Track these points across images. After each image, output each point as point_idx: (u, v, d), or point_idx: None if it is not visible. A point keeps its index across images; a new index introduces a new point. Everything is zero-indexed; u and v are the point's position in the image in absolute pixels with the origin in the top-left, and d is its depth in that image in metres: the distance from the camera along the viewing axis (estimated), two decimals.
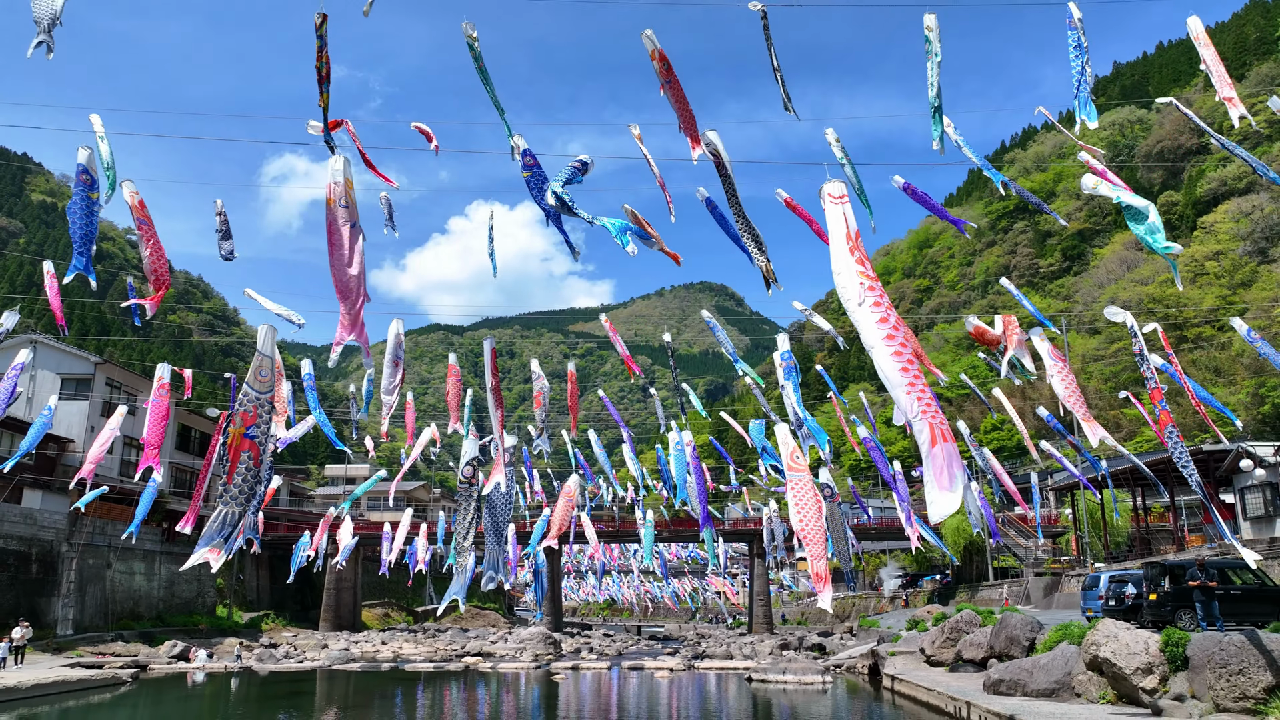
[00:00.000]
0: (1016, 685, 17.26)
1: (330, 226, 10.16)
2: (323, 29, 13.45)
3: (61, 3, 12.19)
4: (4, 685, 20.62)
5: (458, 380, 29.07)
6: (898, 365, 7.59)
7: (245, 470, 12.18)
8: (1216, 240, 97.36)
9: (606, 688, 27.29)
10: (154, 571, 41.73)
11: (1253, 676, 13.07)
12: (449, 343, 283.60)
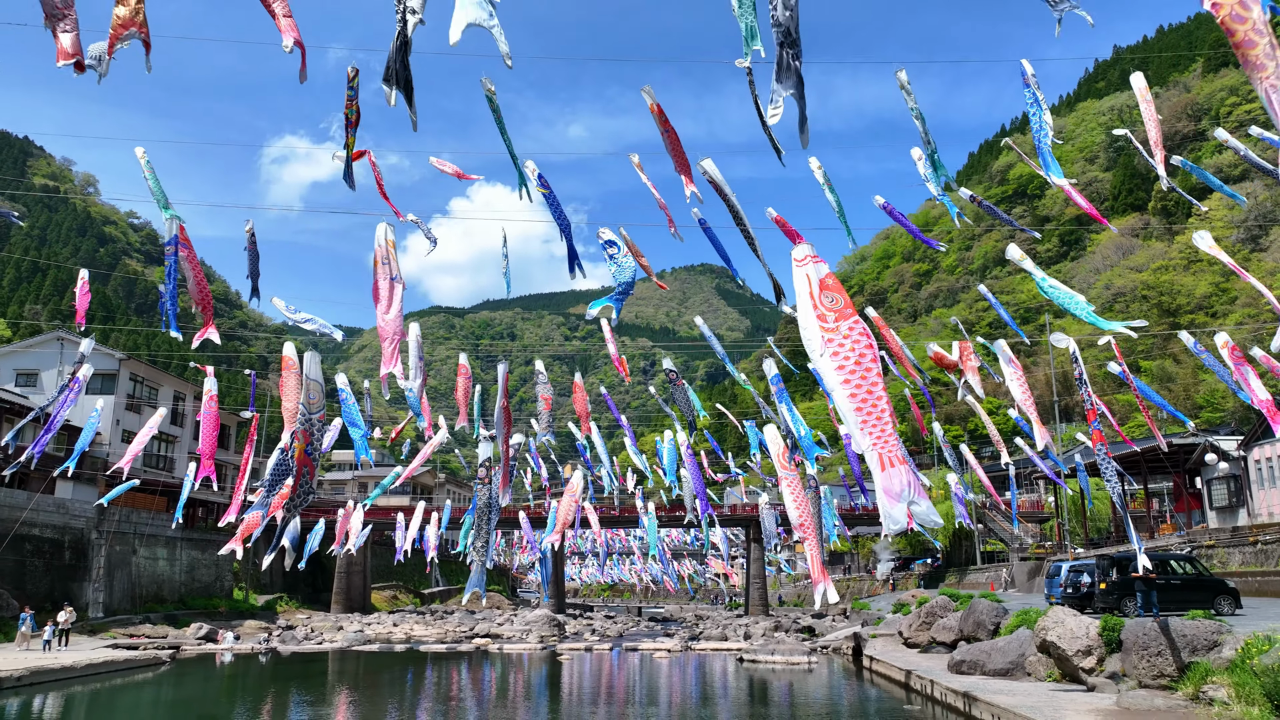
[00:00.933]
0: (976, 665, 19.37)
1: (375, 282, 12.13)
2: (354, 81, 15.44)
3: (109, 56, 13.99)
4: (61, 664, 22.79)
5: (468, 379, 31.23)
6: (853, 406, 9.51)
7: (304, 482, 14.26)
8: (1210, 228, 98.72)
9: (608, 668, 29.48)
10: (175, 557, 43.94)
11: (1168, 658, 15.15)
12: (450, 324, 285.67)
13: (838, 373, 9.84)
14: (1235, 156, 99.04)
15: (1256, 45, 7.58)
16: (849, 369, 9.95)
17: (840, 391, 9.72)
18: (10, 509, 33.12)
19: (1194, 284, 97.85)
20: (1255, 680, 12.75)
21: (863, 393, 9.76)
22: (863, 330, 9.82)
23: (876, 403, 9.52)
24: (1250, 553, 31.01)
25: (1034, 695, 15.84)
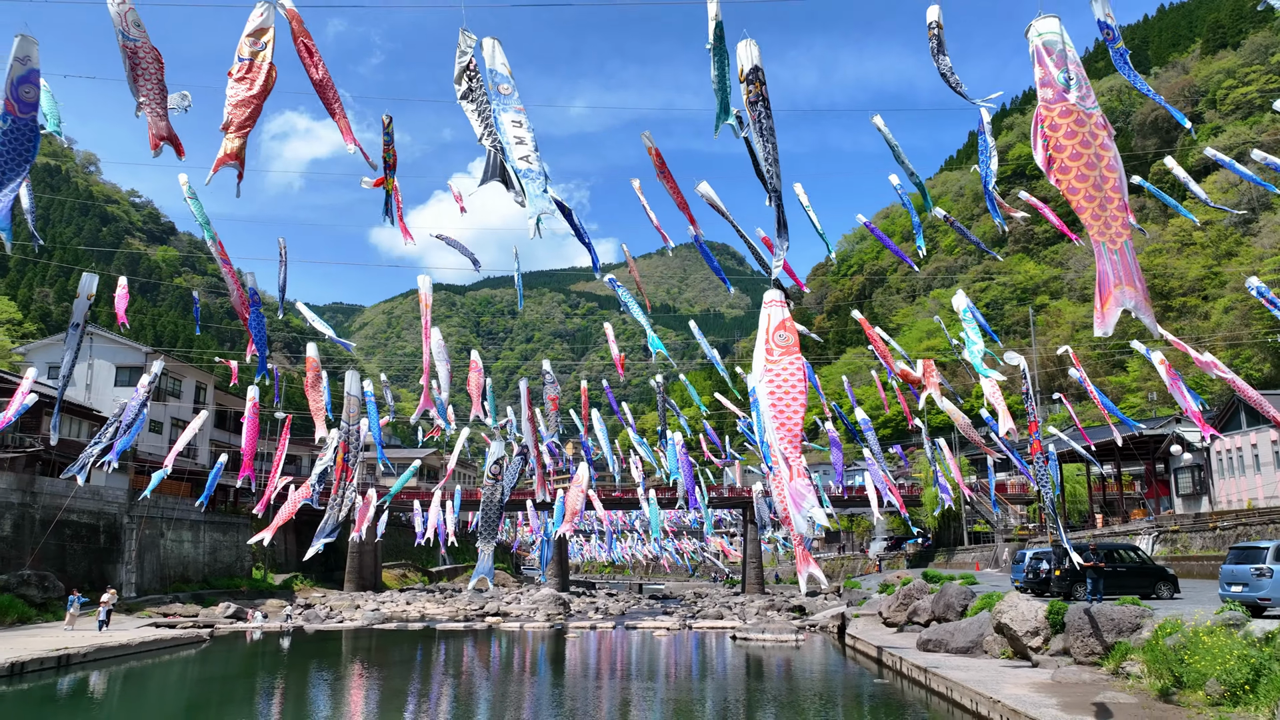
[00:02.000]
0: (941, 644, 21.87)
1: (425, 328, 14.51)
2: (389, 127, 17.81)
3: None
4: (118, 642, 25.34)
5: (479, 374, 33.71)
6: (775, 424, 11.76)
7: (344, 486, 16.71)
8: (1204, 210, 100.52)
9: (611, 645, 32.09)
10: (199, 539, 46.55)
11: (1099, 638, 17.62)
12: (451, 301, 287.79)
13: (769, 396, 12.11)
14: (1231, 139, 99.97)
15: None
16: (778, 395, 12.18)
17: (768, 413, 12.02)
18: (53, 497, 35.63)
19: (1186, 267, 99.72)
20: (1162, 657, 15.20)
21: (784, 417, 11.96)
22: (799, 366, 12.02)
23: (794, 427, 11.66)
24: (1210, 538, 33.55)
25: (984, 671, 18.31)
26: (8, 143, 11.36)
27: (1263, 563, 16.27)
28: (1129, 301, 8.07)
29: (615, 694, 20.65)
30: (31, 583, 32.45)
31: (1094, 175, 8.30)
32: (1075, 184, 8.45)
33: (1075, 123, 8.49)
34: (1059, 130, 8.50)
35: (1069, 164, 8.45)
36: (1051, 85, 8.69)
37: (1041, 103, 8.76)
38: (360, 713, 18.86)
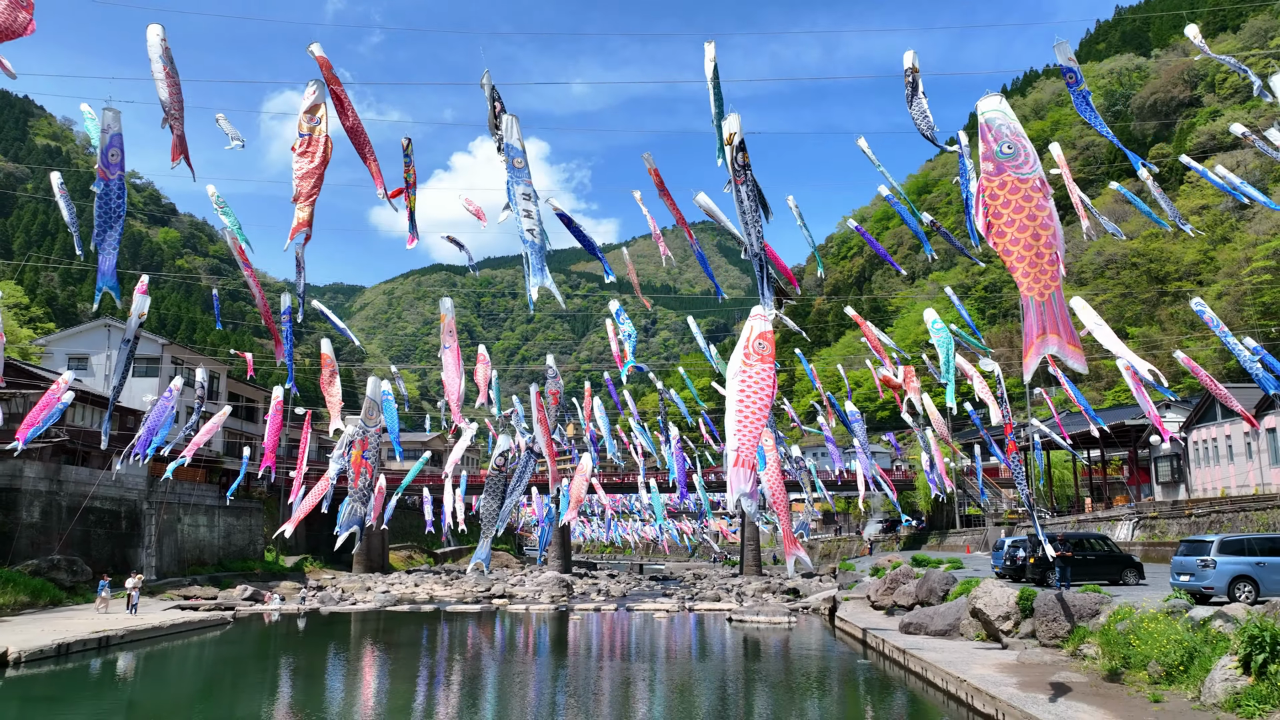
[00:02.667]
0: (921, 627, 23.58)
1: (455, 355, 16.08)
2: (408, 149, 19.38)
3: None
4: (149, 625, 27.08)
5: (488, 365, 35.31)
6: (736, 420, 13.06)
7: (364, 481, 18.36)
8: (1201, 195, 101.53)
9: (613, 626, 33.88)
10: (214, 524, 48.33)
11: (1061, 623, 19.31)
12: (451, 282, 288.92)
13: (739, 394, 13.43)
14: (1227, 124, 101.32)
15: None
16: (746, 396, 13.56)
17: (732, 408, 13.41)
18: (77, 484, 37.34)
19: (1182, 251, 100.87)
20: (1113, 641, 16.88)
21: (747, 414, 13.34)
22: (770, 374, 13.38)
23: (754, 426, 12.97)
24: (1185, 524, 35.25)
25: (957, 652, 20.00)
26: (102, 204, 12.90)
27: (1208, 555, 17.91)
28: (1051, 348, 9.63)
29: (617, 674, 22.39)
30: (61, 567, 34.22)
31: (1025, 236, 9.82)
32: (1009, 246, 9.97)
33: (1011, 191, 10.01)
34: (997, 199, 10.03)
35: (1004, 229, 9.97)
36: (993, 159, 10.20)
37: (983, 174, 10.28)
38: (384, 690, 20.58)
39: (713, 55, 16.81)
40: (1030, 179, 10.01)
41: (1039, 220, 9.99)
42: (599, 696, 19.39)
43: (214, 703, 19.04)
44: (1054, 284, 9.74)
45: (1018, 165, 10.03)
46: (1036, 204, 10.01)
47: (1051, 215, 10.14)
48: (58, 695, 19.12)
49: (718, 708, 18.35)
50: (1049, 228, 10.09)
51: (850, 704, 18.95)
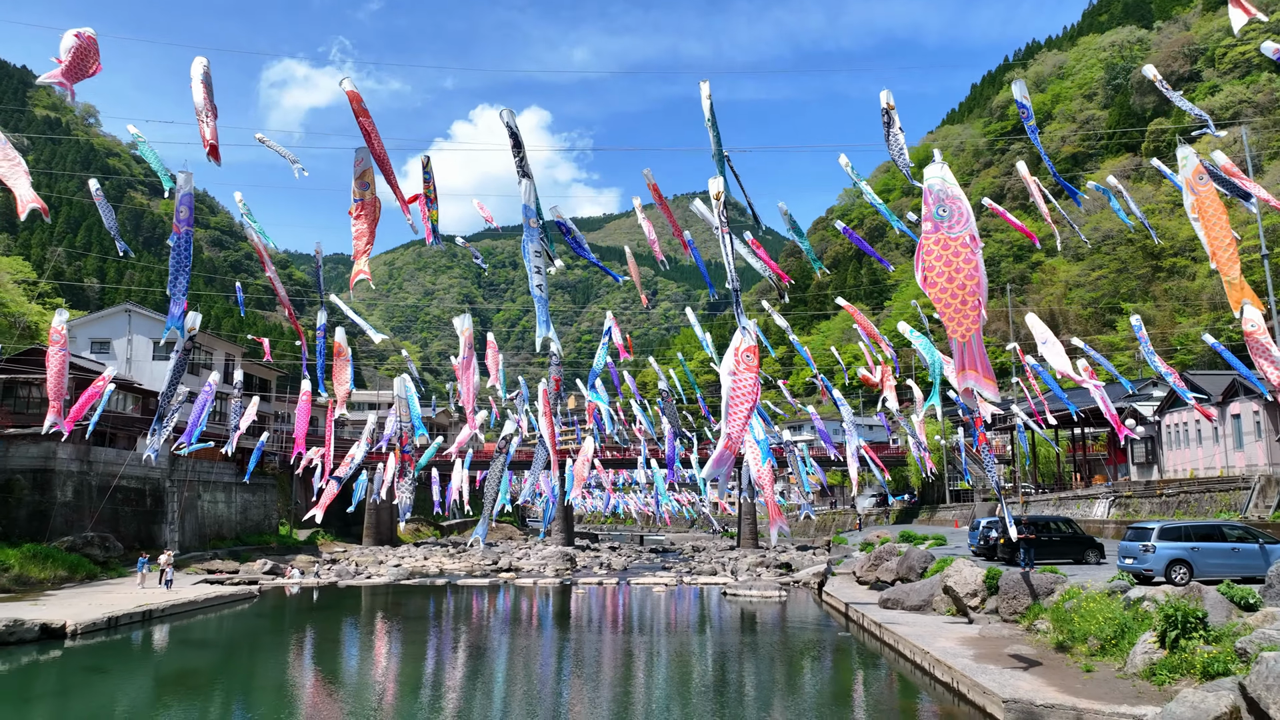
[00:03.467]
0: (898, 602, 25.81)
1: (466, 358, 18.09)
2: (429, 166, 21.40)
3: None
4: (185, 599, 29.37)
5: (496, 351, 37.43)
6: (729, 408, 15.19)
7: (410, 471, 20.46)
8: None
9: (615, 599, 36.21)
10: (232, 500, 50.65)
11: (1020, 598, 21.50)
12: (452, 253, 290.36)
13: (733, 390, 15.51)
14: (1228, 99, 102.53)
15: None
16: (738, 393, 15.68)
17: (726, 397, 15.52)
18: (106, 464, 39.54)
19: (1178, 228, 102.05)
20: (1061, 617, 19.06)
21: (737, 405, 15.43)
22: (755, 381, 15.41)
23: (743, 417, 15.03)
24: (1157, 503, 37.50)
25: (927, 626, 22.21)
26: (174, 256, 14.90)
27: (1149, 540, 20.05)
28: (969, 382, 11.65)
29: (618, 645, 24.68)
30: (94, 543, 36.49)
31: (952, 286, 11.79)
32: (939, 295, 11.95)
33: (942, 247, 11.97)
34: (931, 254, 12.00)
35: (935, 279, 11.94)
36: (930, 219, 12.17)
37: (923, 233, 12.25)
38: (407, 656, 22.84)
39: (708, 93, 18.72)
40: (960, 237, 11.95)
41: (964, 273, 11.93)
42: (601, 665, 21.64)
43: (257, 669, 21.29)
44: (974, 327, 11.69)
45: (950, 225, 11.97)
46: (964, 258, 11.94)
47: (977, 268, 12.07)
48: (111, 665, 21.38)
49: (707, 675, 20.58)
50: (974, 278, 12.02)
51: (827, 673, 21.17)
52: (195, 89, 17.32)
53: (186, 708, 17.22)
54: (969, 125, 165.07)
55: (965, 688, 16.03)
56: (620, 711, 16.63)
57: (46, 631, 23.06)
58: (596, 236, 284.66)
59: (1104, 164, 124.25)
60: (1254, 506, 31.75)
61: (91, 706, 16.89)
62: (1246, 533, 20.09)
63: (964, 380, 11.65)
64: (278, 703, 17.40)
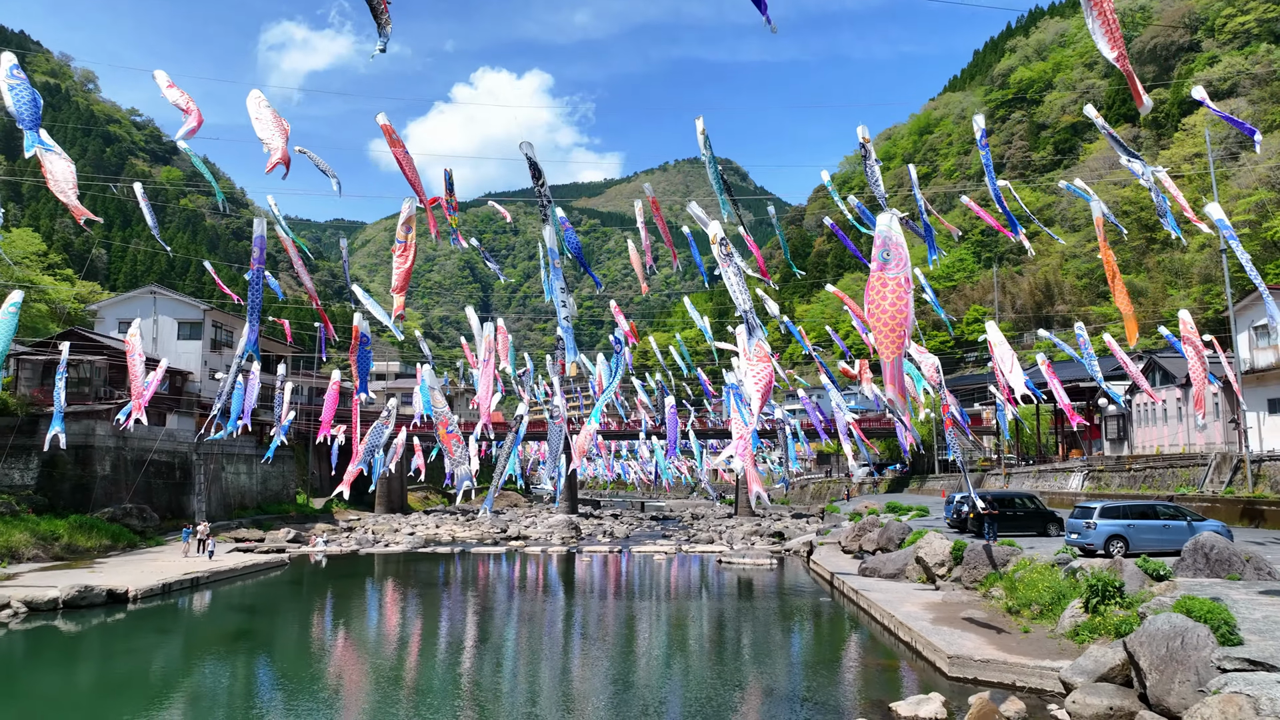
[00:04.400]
0: (875, 570, 28.73)
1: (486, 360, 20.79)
2: (450, 179, 24.03)
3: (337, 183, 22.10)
4: (226, 567, 32.35)
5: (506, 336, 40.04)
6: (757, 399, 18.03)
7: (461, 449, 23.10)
8: (1194, 143, 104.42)
9: (618, 567, 39.22)
10: (252, 471, 53.63)
11: (980, 568, 24.38)
12: None
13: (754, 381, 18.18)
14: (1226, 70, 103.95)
15: None
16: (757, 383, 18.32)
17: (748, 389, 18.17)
18: (140, 440, 42.40)
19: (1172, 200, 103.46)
20: (1011, 585, 21.93)
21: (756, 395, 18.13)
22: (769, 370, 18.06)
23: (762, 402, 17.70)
24: (1126, 477, 40.41)
25: (898, 593, 25.11)
26: (251, 291, 17.53)
27: (1091, 518, 22.88)
28: (890, 394, 14.34)
29: (622, 609, 27.65)
30: (133, 514, 39.48)
31: (885, 317, 14.38)
32: (875, 323, 14.55)
33: (882, 285, 14.55)
34: (873, 289, 14.60)
35: (873, 311, 14.54)
36: (877, 260, 14.75)
37: (871, 270, 14.85)
38: (432, 617, 25.79)
39: (702, 128, 21.23)
40: (897, 277, 14.54)
41: (896, 308, 14.51)
42: (607, 626, 24.59)
43: (303, 629, 24.25)
44: (898, 352, 14.29)
45: (890, 267, 14.57)
46: (898, 295, 14.51)
47: (907, 305, 14.63)
48: (173, 627, 24.35)
49: (702, 636, 23.51)
50: (903, 313, 14.60)
51: (808, 635, 24.11)
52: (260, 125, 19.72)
53: (248, 662, 20.15)
54: (970, 92, 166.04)
55: (921, 646, 18.91)
56: (624, 665, 19.55)
57: (112, 596, 26.00)
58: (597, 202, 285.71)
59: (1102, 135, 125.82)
60: (1210, 482, 34.63)
61: (166, 661, 19.84)
62: (1177, 511, 22.90)
63: (888, 392, 14.35)
64: (326, 658, 20.35)
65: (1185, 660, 12.30)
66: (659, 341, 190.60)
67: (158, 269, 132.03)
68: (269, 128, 19.54)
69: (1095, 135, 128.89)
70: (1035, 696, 15.12)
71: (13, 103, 19.27)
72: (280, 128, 19.59)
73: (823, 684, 17.60)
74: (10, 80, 19.22)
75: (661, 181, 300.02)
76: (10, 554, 31.82)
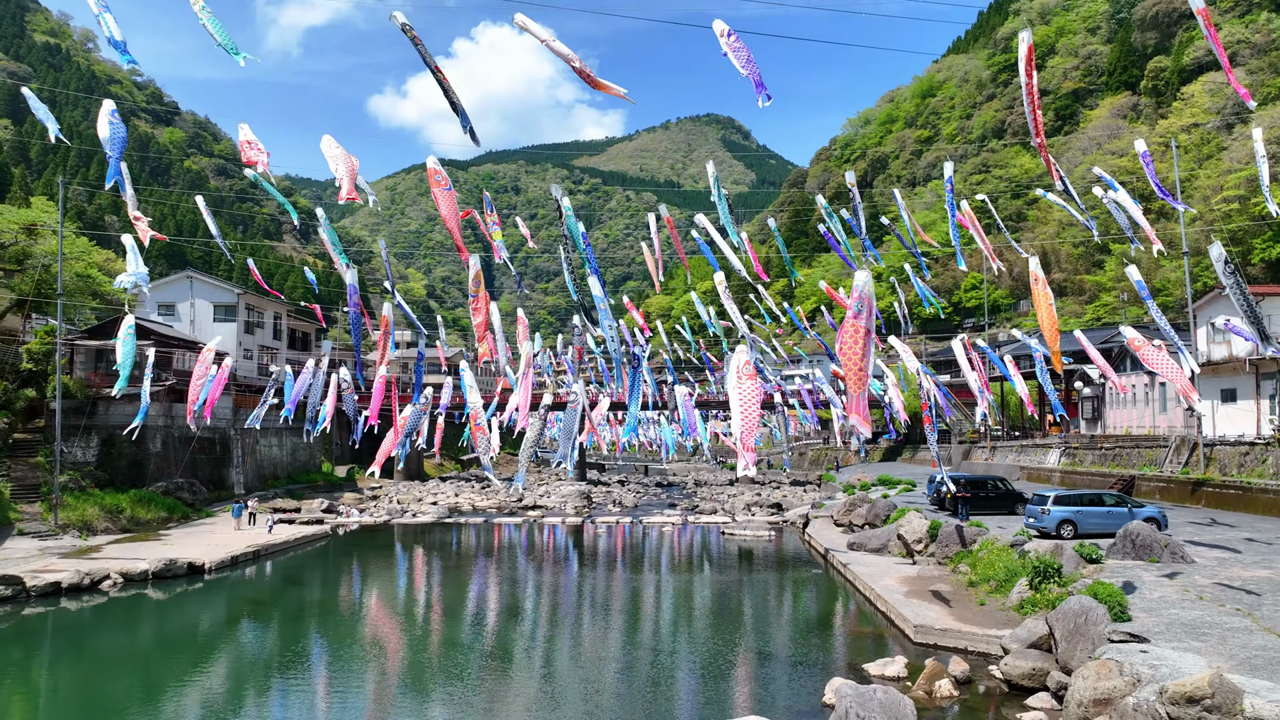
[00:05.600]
0: (860, 545, 32.71)
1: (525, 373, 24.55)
2: (489, 202, 27.55)
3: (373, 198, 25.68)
4: (282, 539, 36.36)
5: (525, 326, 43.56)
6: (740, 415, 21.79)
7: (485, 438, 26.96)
8: (1191, 113, 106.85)
9: (631, 536, 43.32)
10: (283, 443, 57.63)
11: (951, 546, 28.33)
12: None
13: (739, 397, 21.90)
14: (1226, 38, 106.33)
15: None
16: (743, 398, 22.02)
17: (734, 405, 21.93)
18: (184, 418, 46.23)
19: (1167, 171, 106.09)
20: (973, 562, 25.88)
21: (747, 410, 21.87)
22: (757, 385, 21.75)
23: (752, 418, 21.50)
24: (1097, 455, 44.36)
25: (879, 567, 29.07)
26: (354, 326, 21.15)
27: (1046, 505, 26.77)
28: (854, 421, 18.10)
29: (636, 575, 31.70)
30: (184, 488, 43.49)
31: (855, 358, 18.08)
32: (845, 361, 18.26)
33: (854, 331, 18.23)
34: (845, 334, 18.29)
35: (844, 352, 18.23)
36: (852, 310, 18.42)
37: (846, 319, 18.54)
38: (479, 585, 29.81)
39: (714, 172, 24.76)
40: (865, 327, 18.25)
41: (862, 351, 18.26)
42: (622, 590, 28.62)
43: (368, 594, 28.28)
44: (862, 387, 18.02)
45: (861, 317, 18.25)
46: (864, 342, 18.24)
47: (868, 350, 18.36)
48: (257, 595, 28.40)
49: (706, 600, 27.53)
50: (866, 356, 18.32)
51: (801, 602, 28.13)
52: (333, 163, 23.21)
53: (341, 625, 24.18)
54: (974, 55, 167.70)
55: (894, 616, 22.85)
56: (639, 626, 23.56)
57: (191, 568, 30.01)
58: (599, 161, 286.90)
59: (1103, 101, 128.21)
60: (1169, 462, 38.57)
61: (276, 626, 23.88)
62: (1120, 499, 26.81)
63: (851, 419, 18.12)
64: (393, 617, 24.37)
65: (1086, 633, 16.18)
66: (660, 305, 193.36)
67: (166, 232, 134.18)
68: (340, 165, 23.07)
69: (1096, 102, 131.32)
70: (981, 659, 19.00)
71: (111, 141, 23.10)
72: (349, 165, 23.13)
73: (810, 648, 21.59)
74: (110, 120, 23.14)
75: (663, 140, 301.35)
76: (86, 527, 35.84)
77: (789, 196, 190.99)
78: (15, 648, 21.04)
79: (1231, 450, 34.73)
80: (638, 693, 17.49)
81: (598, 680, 18.43)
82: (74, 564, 28.55)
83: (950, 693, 16.50)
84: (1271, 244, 72.98)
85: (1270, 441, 32.57)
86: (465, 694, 17.57)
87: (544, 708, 16.47)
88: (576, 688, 17.79)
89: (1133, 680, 13.26)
